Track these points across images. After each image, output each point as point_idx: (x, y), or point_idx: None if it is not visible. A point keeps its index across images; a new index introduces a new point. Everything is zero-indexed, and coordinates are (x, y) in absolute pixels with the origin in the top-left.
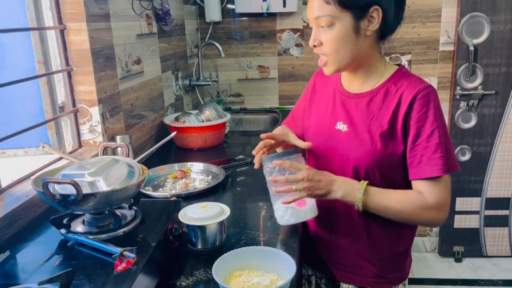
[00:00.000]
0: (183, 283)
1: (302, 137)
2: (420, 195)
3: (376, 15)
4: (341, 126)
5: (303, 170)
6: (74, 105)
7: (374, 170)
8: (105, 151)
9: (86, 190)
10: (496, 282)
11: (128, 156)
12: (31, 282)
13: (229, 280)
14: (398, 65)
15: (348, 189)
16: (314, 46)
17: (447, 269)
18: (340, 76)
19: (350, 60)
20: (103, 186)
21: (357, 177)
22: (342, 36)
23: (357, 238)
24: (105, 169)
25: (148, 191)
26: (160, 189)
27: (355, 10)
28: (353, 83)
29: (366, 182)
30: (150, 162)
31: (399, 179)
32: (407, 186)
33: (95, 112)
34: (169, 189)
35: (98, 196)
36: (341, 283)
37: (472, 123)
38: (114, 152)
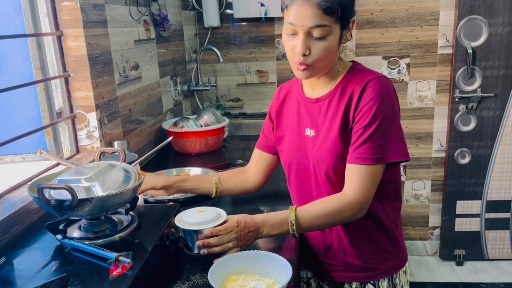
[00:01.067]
0: None
1: (276, 150)
2: (336, 196)
3: (352, 24)
4: (309, 132)
5: (229, 226)
6: (71, 111)
7: (344, 170)
8: (102, 156)
9: (82, 195)
10: (498, 285)
11: (124, 161)
12: None
13: (225, 284)
14: (352, 61)
15: (275, 224)
16: (304, 54)
17: (449, 272)
18: (301, 84)
19: (328, 68)
20: (99, 191)
21: (330, 180)
22: (332, 46)
23: (341, 239)
24: (101, 174)
25: (146, 196)
26: None
27: (345, 21)
28: (316, 89)
29: (294, 207)
30: (149, 167)
31: None
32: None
33: (92, 117)
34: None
35: (93, 201)
36: (344, 283)
37: (472, 125)
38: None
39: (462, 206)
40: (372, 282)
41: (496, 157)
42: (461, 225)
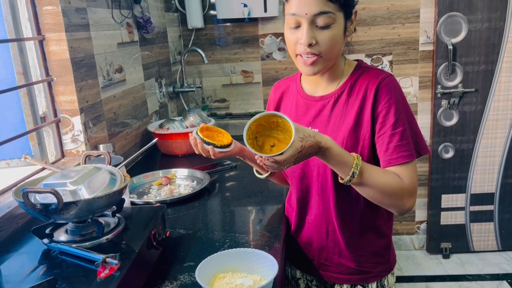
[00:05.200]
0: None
1: None
2: (397, 176)
3: (354, 16)
4: None
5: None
6: (55, 115)
7: None
8: (87, 159)
9: (67, 198)
10: (484, 276)
11: (110, 164)
12: None
13: (213, 282)
14: (357, 60)
15: (342, 154)
16: (310, 44)
17: (436, 265)
18: (300, 82)
19: (335, 61)
20: (85, 194)
21: (336, 182)
22: (338, 36)
23: (338, 241)
24: (87, 177)
25: (133, 198)
26: (145, 196)
27: (348, 10)
28: (318, 87)
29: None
30: (135, 170)
31: None
32: None
33: (77, 121)
34: (154, 196)
35: (79, 204)
36: (334, 283)
37: (454, 120)
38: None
39: (447, 200)
40: (362, 284)
41: (479, 150)
42: (447, 218)
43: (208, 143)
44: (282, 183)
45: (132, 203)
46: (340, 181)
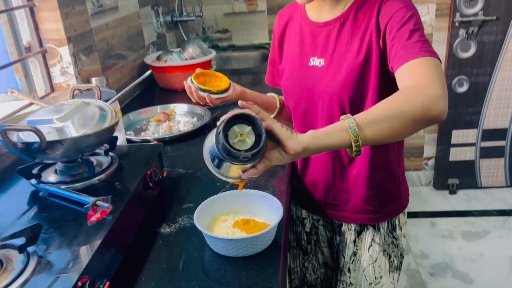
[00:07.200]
0: (166, 231)
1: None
2: (401, 89)
3: None
4: (316, 62)
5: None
6: (41, 45)
7: (361, 100)
8: (78, 93)
9: (53, 136)
10: (490, 212)
11: (100, 99)
12: None
13: (213, 225)
14: None
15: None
16: None
17: (442, 201)
18: (305, 9)
19: None
20: (72, 132)
21: (344, 113)
22: None
23: (346, 178)
24: (74, 113)
25: (130, 135)
26: (142, 133)
27: None
28: (322, 12)
29: (347, 115)
30: (132, 105)
31: None
32: None
33: (65, 52)
34: (152, 133)
35: (65, 143)
36: (342, 222)
37: (471, 52)
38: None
39: (458, 135)
40: (372, 224)
41: (495, 84)
42: (456, 154)
43: (204, 90)
44: (290, 121)
45: (128, 141)
46: (351, 154)
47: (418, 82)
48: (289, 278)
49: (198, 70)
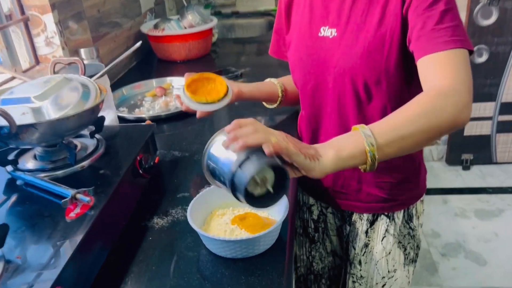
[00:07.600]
0: (157, 225)
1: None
2: (422, 94)
3: None
4: (327, 32)
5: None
6: (22, 12)
7: (377, 82)
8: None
9: (28, 119)
10: (506, 189)
11: (84, 74)
12: None
13: (210, 220)
14: None
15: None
16: None
17: (454, 177)
18: None
19: None
20: (50, 113)
21: (358, 97)
22: None
23: None
24: (53, 92)
25: (123, 112)
26: (137, 109)
27: None
28: None
29: (361, 125)
30: (128, 78)
31: (407, 90)
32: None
33: (49, 20)
34: (147, 109)
35: (39, 127)
36: (352, 212)
37: (493, 19)
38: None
39: (474, 108)
40: (386, 214)
41: None
42: (471, 129)
43: (201, 103)
44: (294, 104)
45: (121, 119)
46: (363, 170)
47: (446, 86)
48: (294, 265)
49: (187, 77)
